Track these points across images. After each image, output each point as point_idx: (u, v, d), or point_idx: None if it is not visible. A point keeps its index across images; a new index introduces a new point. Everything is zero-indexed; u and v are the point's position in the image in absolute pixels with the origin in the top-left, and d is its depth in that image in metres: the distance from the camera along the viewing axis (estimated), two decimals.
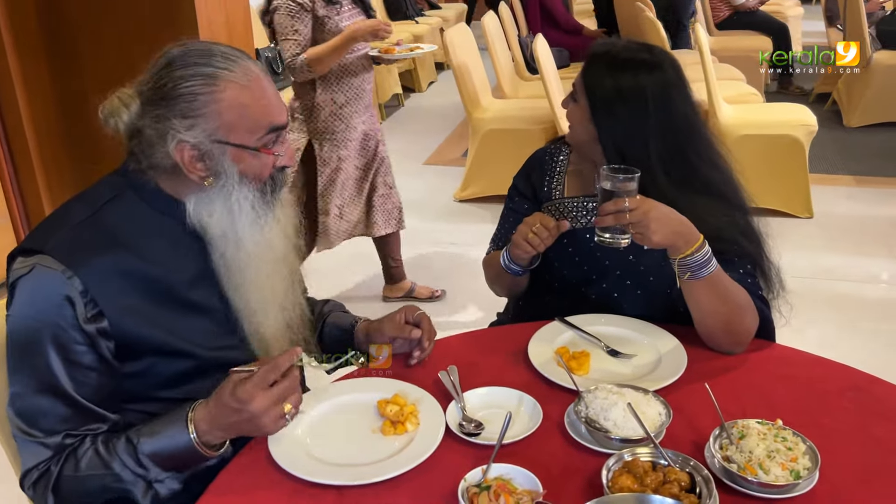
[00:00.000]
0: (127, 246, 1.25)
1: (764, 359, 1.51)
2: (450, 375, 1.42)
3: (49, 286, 1.19)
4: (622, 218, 1.40)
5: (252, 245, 1.29)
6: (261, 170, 1.28)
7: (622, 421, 1.25)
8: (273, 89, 1.28)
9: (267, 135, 1.26)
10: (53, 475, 1.20)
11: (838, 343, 3.08)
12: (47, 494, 1.20)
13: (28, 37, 3.42)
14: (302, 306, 1.46)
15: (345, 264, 3.87)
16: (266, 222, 1.30)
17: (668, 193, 1.50)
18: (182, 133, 1.21)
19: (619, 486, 1.12)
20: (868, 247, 3.93)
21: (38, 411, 1.20)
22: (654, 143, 1.55)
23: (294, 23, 2.93)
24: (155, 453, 1.19)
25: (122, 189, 1.29)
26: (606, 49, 1.62)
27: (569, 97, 1.67)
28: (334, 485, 1.17)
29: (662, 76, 1.57)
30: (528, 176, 1.81)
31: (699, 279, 1.44)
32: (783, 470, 1.14)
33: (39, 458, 1.21)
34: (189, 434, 1.18)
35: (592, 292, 1.68)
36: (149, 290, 1.25)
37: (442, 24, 7.66)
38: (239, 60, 1.25)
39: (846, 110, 5.89)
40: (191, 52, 1.23)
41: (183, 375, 1.30)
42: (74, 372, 1.20)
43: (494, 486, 1.11)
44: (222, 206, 1.26)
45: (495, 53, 5.01)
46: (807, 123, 4.14)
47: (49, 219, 1.30)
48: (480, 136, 4.53)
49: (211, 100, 1.21)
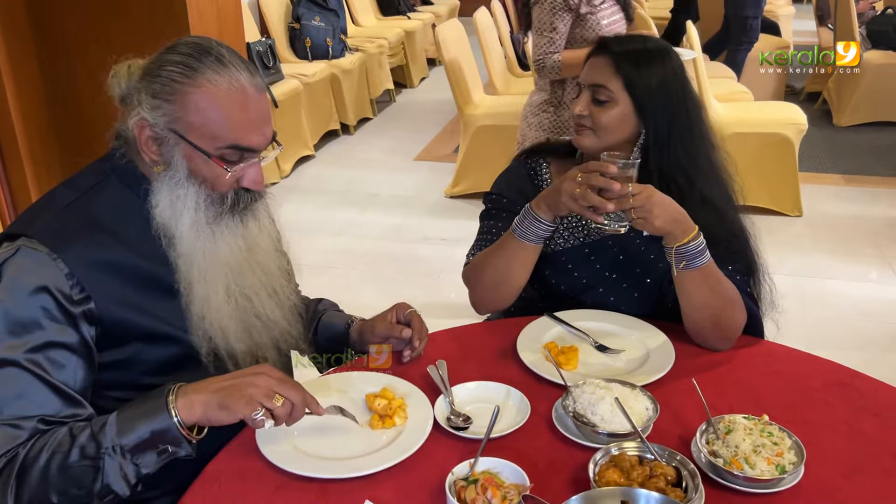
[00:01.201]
0: (111, 231, 1.24)
1: (751, 355, 1.52)
2: (438, 370, 1.42)
3: (34, 266, 1.18)
4: (625, 202, 1.41)
5: (186, 246, 1.26)
6: (213, 179, 1.25)
7: (609, 415, 1.25)
8: (258, 110, 1.24)
9: (227, 149, 1.23)
10: (20, 458, 1.12)
11: (825, 340, 3.10)
12: (10, 482, 1.11)
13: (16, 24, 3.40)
14: (285, 318, 1.42)
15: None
16: (216, 230, 1.27)
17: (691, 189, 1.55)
18: (146, 111, 1.22)
19: (606, 479, 1.12)
20: (856, 245, 3.95)
21: (16, 394, 1.15)
22: (685, 130, 1.58)
23: (554, 20, 2.88)
24: (123, 421, 1.11)
25: (106, 175, 1.30)
26: (623, 45, 1.59)
27: (589, 101, 1.59)
28: (321, 478, 1.17)
29: (678, 61, 1.60)
30: (515, 186, 1.74)
31: (694, 269, 1.44)
32: (769, 465, 1.15)
33: (10, 443, 1.13)
34: (166, 398, 1.12)
35: (588, 298, 1.67)
36: (133, 274, 1.25)
37: (434, 19, 7.65)
38: (232, 69, 1.22)
39: (836, 109, 5.91)
40: (193, 44, 1.23)
41: (168, 363, 1.29)
42: (55, 354, 1.18)
43: (482, 479, 1.11)
44: (166, 198, 1.25)
45: (487, 50, 5.01)
46: (797, 122, 4.16)
47: (34, 205, 1.30)
48: (472, 132, 4.52)
49: (182, 90, 1.20)
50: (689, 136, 1.58)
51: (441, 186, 4.76)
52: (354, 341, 1.54)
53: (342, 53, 5.82)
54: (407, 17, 7.50)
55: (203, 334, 1.30)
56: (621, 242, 1.64)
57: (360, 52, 6.06)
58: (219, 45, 1.24)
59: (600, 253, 1.66)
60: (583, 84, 1.62)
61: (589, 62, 1.62)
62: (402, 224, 4.31)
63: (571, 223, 1.68)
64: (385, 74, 6.59)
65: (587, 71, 1.61)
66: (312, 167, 5.24)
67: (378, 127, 6.20)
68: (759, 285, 1.62)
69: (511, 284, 1.61)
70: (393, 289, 3.62)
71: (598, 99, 1.58)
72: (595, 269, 1.66)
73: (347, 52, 5.90)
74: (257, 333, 1.37)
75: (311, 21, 5.71)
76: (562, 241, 1.68)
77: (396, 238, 4.10)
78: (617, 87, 1.56)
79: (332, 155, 5.51)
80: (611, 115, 1.57)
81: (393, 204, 4.62)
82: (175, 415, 1.12)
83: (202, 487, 1.17)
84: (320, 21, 5.73)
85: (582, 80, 1.62)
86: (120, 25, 3.31)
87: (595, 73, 1.59)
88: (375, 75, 6.35)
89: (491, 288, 1.62)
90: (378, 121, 6.33)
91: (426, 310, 1.52)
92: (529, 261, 1.60)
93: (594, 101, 1.58)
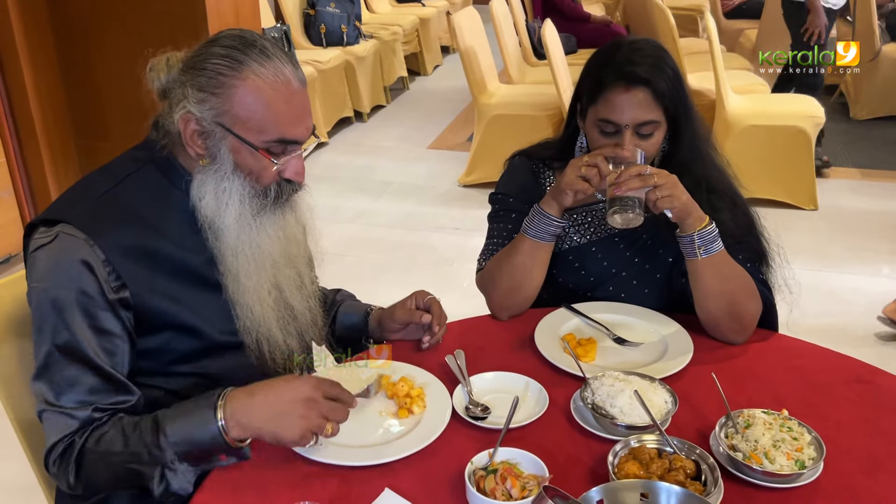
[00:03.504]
0: (146, 220, 1.25)
1: (769, 349, 1.51)
2: (456, 360, 1.42)
3: (73, 253, 1.19)
4: (649, 179, 1.40)
5: (233, 239, 1.27)
6: (259, 171, 1.25)
7: (628, 408, 1.25)
8: (302, 103, 1.24)
9: (273, 142, 1.23)
10: (77, 447, 1.17)
11: (840, 335, 3.09)
12: (69, 469, 1.17)
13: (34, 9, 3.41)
14: (310, 311, 1.43)
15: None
16: (259, 223, 1.28)
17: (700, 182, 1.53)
18: (192, 104, 1.21)
19: (626, 472, 1.12)
20: (872, 240, 3.92)
21: (65, 381, 1.18)
22: (694, 118, 1.56)
23: None
24: (177, 436, 1.14)
25: (144, 163, 1.29)
26: (632, 65, 1.47)
27: (631, 136, 1.47)
28: (341, 465, 1.18)
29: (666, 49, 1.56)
30: (520, 184, 1.70)
31: (711, 255, 1.45)
32: (788, 459, 1.15)
33: (65, 430, 1.17)
34: (217, 422, 1.14)
35: (599, 296, 1.66)
36: (168, 264, 1.25)
37: (449, 7, 7.61)
38: (276, 60, 1.21)
39: (853, 102, 5.86)
40: (237, 37, 1.22)
41: (195, 352, 1.29)
42: (101, 340, 1.20)
43: (501, 469, 1.11)
44: (212, 191, 1.25)
45: (502, 38, 4.99)
46: (814, 115, 4.12)
47: (70, 191, 1.30)
48: (486, 120, 4.51)
49: (229, 83, 1.20)
50: (696, 124, 1.57)
51: (454, 175, 4.75)
52: (374, 329, 1.54)
53: (356, 40, 5.81)
54: (421, 4, 7.47)
55: (250, 325, 1.31)
56: (628, 239, 1.62)
57: (375, 39, 6.04)
58: (262, 38, 1.24)
59: (608, 250, 1.65)
60: (622, 125, 1.47)
61: (614, 99, 1.47)
62: (415, 212, 4.30)
63: (578, 220, 1.66)
64: (399, 62, 6.58)
65: (621, 110, 1.47)
66: (325, 154, 5.24)
67: (391, 114, 6.18)
68: (771, 271, 1.60)
69: (528, 286, 1.60)
70: (405, 277, 3.62)
71: (643, 133, 1.49)
72: (603, 267, 1.65)
73: (362, 39, 5.89)
74: (286, 324, 1.37)
75: (326, 7, 5.70)
76: (569, 238, 1.66)
77: (409, 226, 4.10)
78: (659, 113, 1.49)
79: (346, 142, 5.50)
80: (657, 141, 1.52)
81: (406, 192, 4.62)
82: (225, 433, 1.14)
83: (223, 475, 1.18)
84: (335, 8, 5.72)
85: (619, 121, 1.47)
86: (135, 11, 3.31)
87: (638, 111, 1.47)
88: (389, 62, 6.34)
89: (508, 292, 1.60)
90: (391, 108, 6.31)
91: (439, 299, 1.52)
92: (544, 259, 1.59)
93: (638, 137, 1.49)
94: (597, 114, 1.51)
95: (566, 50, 5.07)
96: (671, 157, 1.56)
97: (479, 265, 1.71)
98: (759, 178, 4.00)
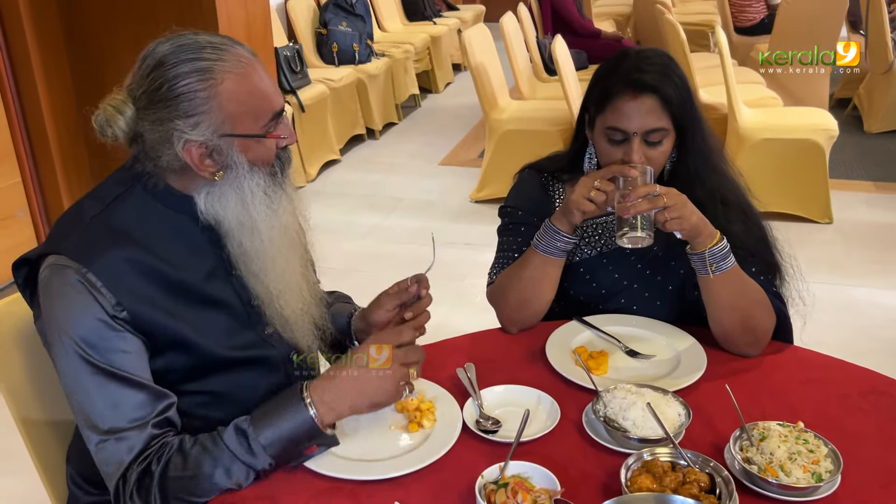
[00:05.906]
0: (138, 241, 1.22)
1: (784, 361, 1.50)
2: (467, 373, 1.41)
3: (71, 284, 1.17)
4: (658, 201, 1.39)
5: (268, 230, 1.28)
6: (267, 154, 1.27)
7: (641, 421, 1.24)
8: (267, 72, 1.26)
9: (270, 120, 1.25)
10: (156, 475, 1.15)
11: (855, 348, 3.05)
12: (152, 496, 1.15)
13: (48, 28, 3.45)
14: (317, 285, 1.47)
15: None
16: (279, 205, 1.29)
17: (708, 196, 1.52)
18: (188, 133, 1.18)
19: (639, 485, 1.11)
20: (887, 252, 3.89)
21: (111, 405, 1.16)
22: (703, 131, 1.55)
23: None
24: (268, 437, 1.17)
25: (130, 184, 1.27)
26: (640, 72, 1.47)
27: (640, 144, 1.47)
28: (351, 479, 1.17)
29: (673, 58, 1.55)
30: (530, 197, 1.70)
31: (724, 272, 1.43)
32: (804, 472, 1.13)
33: (132, 452, 1.16)
34: (310, 410, 1.19)
35: (611, 308, 1.65)
36: (164, 283, 1.22)
37: (460, 25, 7.66)
38: (229, 48, 1.22)
39: (867, 115, 5.83)
40: (180, 48, 1.19)
41: (200, 369, 1.28)
42: (126, 355, 1.18)
43: (512, 483, 1.10)
44: (235, 197, 1.25)
45: (513, 54, 5.00)
46: (827, 128, 4.10)
47: (62, 219, 1.29)
48: (497, 136, 4.52)
49: (211, 94, 1.18)
50: (705, 134, 1.56)
51: (465, 191, 4.75)
52: (359, 330, 1.52)
53: (368, 59, 5.85)
54: (433, 22, 7.52)
55: (279, 311, 1.33)
56: (640, 251, 1.58)
57: (387, 58, 6.08)
58: (197, 34, 1.22)
59: (618, 262, 1.64)
60: (630, 132, 1.47)
61: (622, 107, 1.47)
62: (427, 228, 4.30)
63: (587, 232, 1.65)
64: (411, 79, 6.61)
65: (629, 118, 1.46)
66: (338, 171, 5.26)
67: (403, 132, 6.21)
68: (784, 284, 1.59)
69: (538, 301, 1.59)
70: None
71: (652, 141, 1.49)
72: (614, 279, 1.64)
73: (374, 58, 5.93)
74: (308, 308, 1.39)
75: (339, 26, 5.74)
76: (580, 251, 1.65)
77: (420, 242, 4.10)
78: (667, 121, 1.49)
79: (358, 159, 5.52)
80: (666, 149, 1.51)
81: (417, 208, 4.63)
82: (319, 421, 1.20)
83: (234, 492, 1.17)
84: (347, 26, 5.76)
85: (627, 129, 1.47)
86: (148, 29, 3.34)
87: (646, 118, 1.46)
88: (401, 80, 6.37)
89: (518, 306, 1.60)
90: (403, 125, 6.34)
91: (451, 314, 1.51)
92: (554, 275, 1.58)
93: (647, 145, 1.49)
94: (605, 122, 1.50)
95: (577, 66, 5.08)
96: (681, 168, 1.55)
97: (489, 278, 1.70)
98: (772, 192, 3.98)
